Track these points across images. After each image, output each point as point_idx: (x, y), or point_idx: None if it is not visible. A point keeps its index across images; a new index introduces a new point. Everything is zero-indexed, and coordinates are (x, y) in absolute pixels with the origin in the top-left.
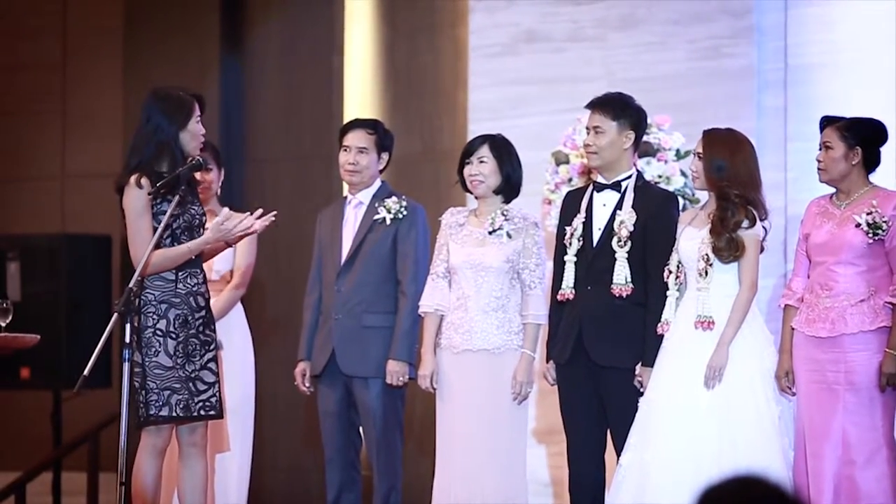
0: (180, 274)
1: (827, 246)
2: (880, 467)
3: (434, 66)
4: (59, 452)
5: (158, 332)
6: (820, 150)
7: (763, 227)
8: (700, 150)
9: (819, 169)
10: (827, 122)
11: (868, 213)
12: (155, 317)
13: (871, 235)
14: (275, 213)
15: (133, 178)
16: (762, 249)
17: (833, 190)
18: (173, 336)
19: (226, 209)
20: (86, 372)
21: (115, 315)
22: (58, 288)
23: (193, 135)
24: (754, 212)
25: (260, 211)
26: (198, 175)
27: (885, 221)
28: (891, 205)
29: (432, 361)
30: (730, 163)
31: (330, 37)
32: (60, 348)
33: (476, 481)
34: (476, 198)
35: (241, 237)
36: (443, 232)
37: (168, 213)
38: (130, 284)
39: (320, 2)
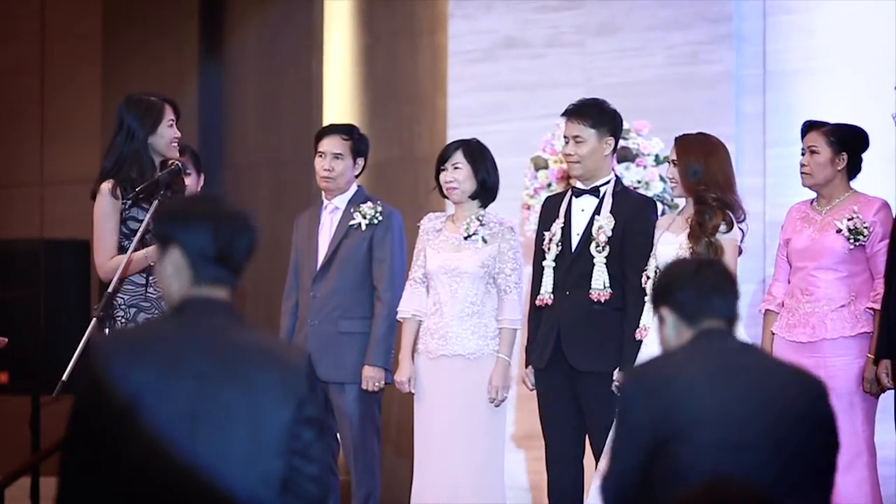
0: (150, 278)
1: (808, 251)
2: (861, 472)
3: (413, 71)
4: (38, 457)
5: None
6: (803, 154)
7: (740, 229)
8: (674, 157)
9: (803, 173)
10: (810, 126)
11: (849, 219)
12: (123, 320)
13: (852, 241)
14: None
15: (103, 185)
16: (740, 252)
17: (813, 195)
18: None
19: None
20: (64, 377)
21: (94, 320)
22: (36, 293)
23: (165, 138)
24: (731, 215)
25: None
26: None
27: (866, 227)
28: (872, 211)
29: (410, 367)
30: (705, 166)
31: (309, 42)
32: (39, 353)
33: (454, 486)
34: (453, 203)
35: None
36: (421, 237)
37: (146, 220)
38: (109, 289)
39: (299, 7)
